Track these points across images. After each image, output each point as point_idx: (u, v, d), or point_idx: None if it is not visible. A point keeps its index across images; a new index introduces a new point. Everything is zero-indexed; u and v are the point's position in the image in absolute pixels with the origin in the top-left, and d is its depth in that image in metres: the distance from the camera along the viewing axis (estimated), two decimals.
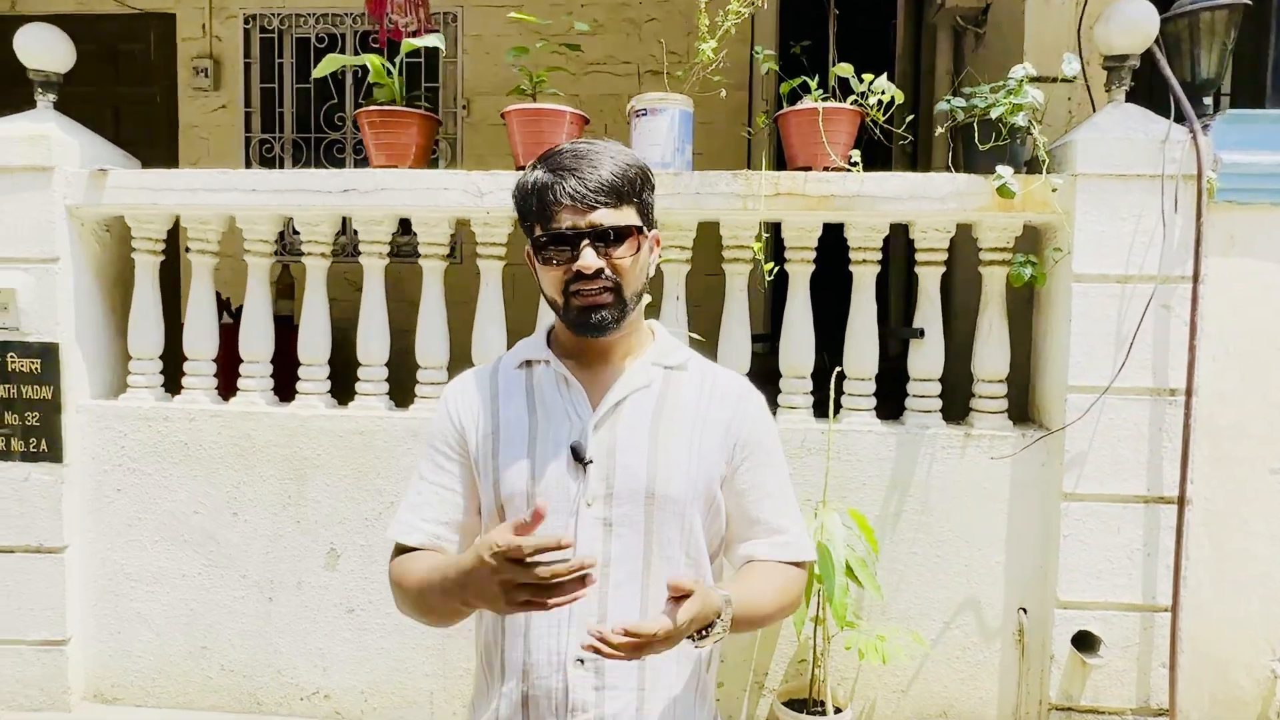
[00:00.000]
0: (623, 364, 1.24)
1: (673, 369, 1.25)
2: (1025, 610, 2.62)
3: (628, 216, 1.16)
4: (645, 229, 1.19)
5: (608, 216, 1.14)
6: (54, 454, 2.78)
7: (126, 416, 2.81)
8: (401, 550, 1.26)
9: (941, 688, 2.67)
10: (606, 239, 1.14)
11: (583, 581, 0.95)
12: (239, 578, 2.81)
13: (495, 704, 1.20)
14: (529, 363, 1.27)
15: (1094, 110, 2.79)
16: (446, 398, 1.29)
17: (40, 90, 2.87)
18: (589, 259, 1.13)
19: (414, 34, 2.79)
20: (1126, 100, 2.59)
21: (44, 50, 2.83)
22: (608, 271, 1.14)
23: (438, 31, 3.65)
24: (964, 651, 2.65)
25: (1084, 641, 2.55)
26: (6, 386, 2.77)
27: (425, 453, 1.29)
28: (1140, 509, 2.51)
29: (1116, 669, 2.54)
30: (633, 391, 1.21)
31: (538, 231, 1.17)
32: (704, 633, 1.06)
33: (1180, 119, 2.46)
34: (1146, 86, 2.76)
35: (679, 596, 1.01)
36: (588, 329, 1.17)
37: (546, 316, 2.74)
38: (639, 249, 1.17)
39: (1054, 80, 2.58)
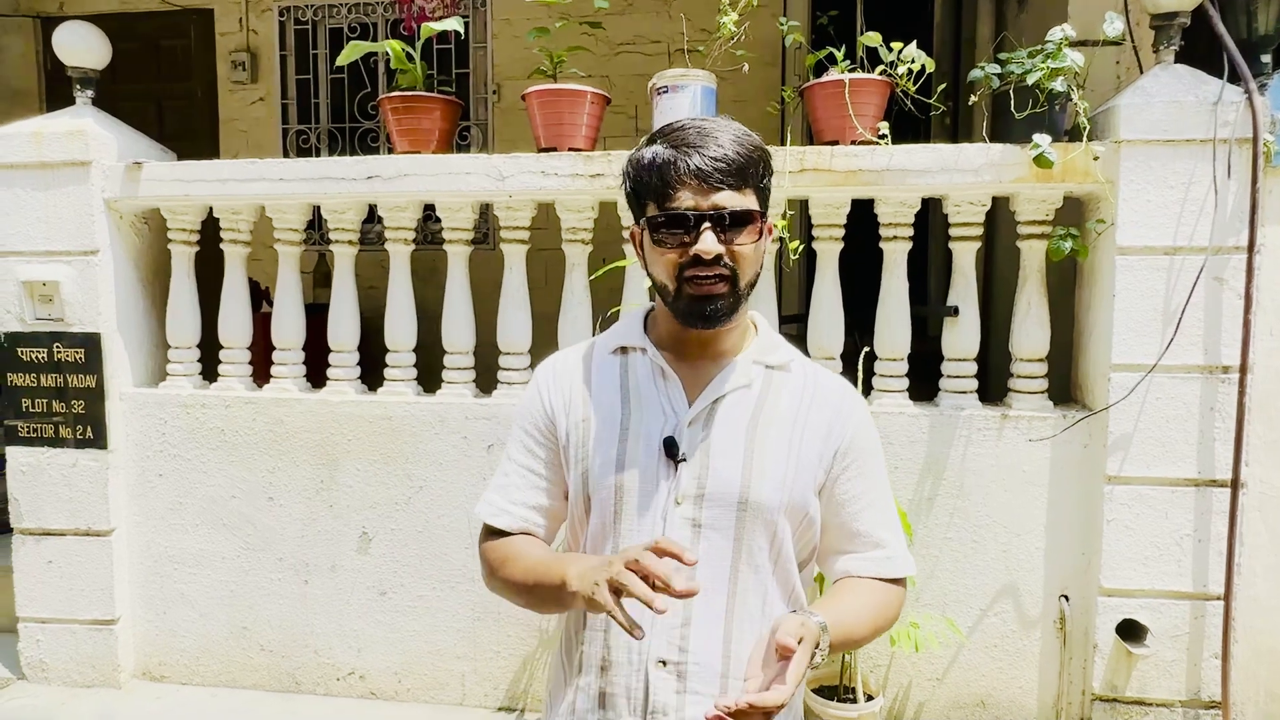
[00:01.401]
0: (723, 359, 1.17)
1: (774, 368, 1.19)
2: (1067, 598, 2.52)
3: (750, 201, 1.09)
4: (765, 216, 1.13)
5: (731, 199, 1.06)
6: (99, 440, 2.87)
7: (166, 404, 2.89)
8: (490, 531, 1.24)
9: (979, 676, 2.59)
10: (728, 223, 1.07)
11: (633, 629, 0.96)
12: (275, 560, 2.87)
13: (572, 697, 1.17)
14: (624, 349, 1.21)
15: (1142, 74, 2.65)
16: (538, 380, 1.25)
17: (78, 87, 2.95)
18: (709, 243, 1.05)
19: (439, 19, 2.77)
20: (1177, 61, 2.45)
21: (81, 47, 2.90)
22: (726, 259, 1.07)
23: (465, 16, 3.64)
24: (1002, 640, 2.57)
25: (1129, 631, 2.45)
26: (54, 376, 2.87)
27: (514, 433, 1.24)
28: (1190, 493, 2.39)
29: (1164, 659, 2.44)
30: (732, 390, 1.15)
31: (653, 210, 1.09)
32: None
33: (1234, 79, 2.32)
34: (1205, 47, 2.60)
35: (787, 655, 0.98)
36: (700, 320, 1.09)
37: (572, 300, 2.73)
38: (759, 236, 1.11)
39: (1097, 43, 2.46)
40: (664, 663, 1.10)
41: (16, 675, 3.00)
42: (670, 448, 1.12)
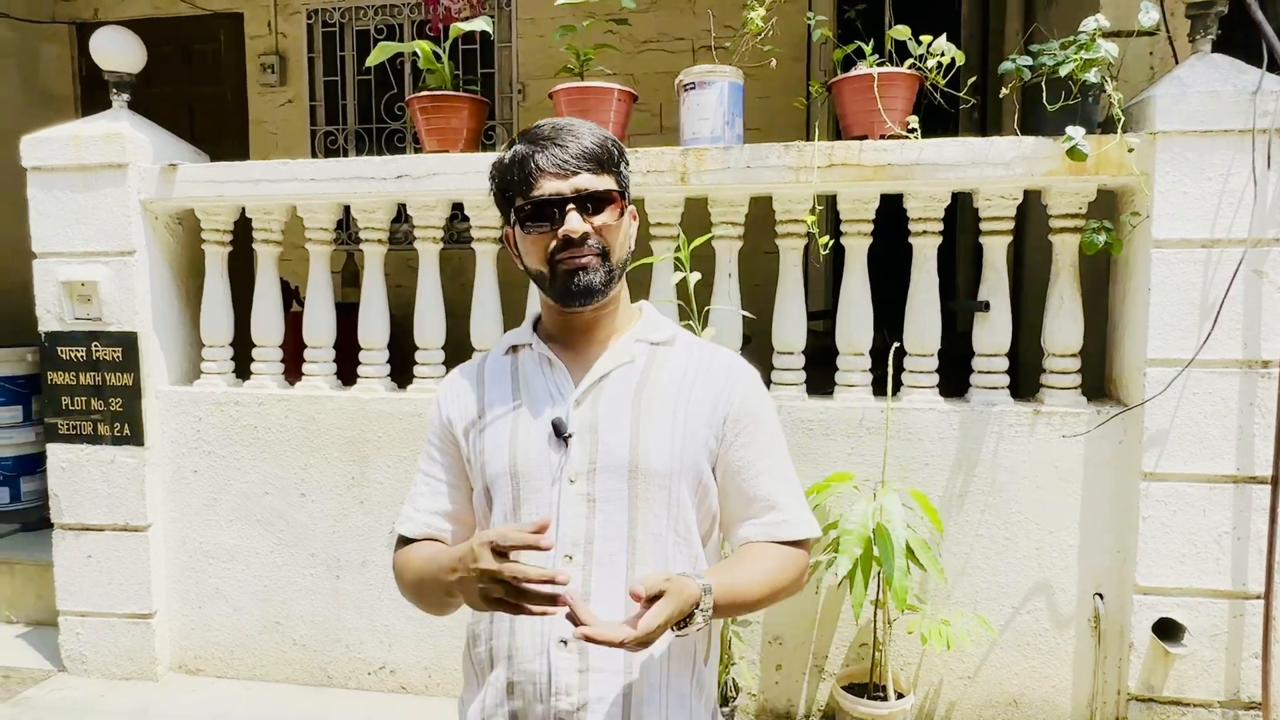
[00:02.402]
0: (607, 342, 1.22)
1: (659, 345, 1.23)
2: (1101, 596, 2.49)
3: (608, 183, 1.15)
4: (625, 198, 1.19)
5: (590, 182, 1.13)
6: (136, 437, 2.93)
7: (201, 401, 2.94)
8: (404, 541, 1.29)
9: (1011, 675, 2.57)
10: (590, 204, 1.13)
11: (553, 600, 0.97)
12: (308, 556, 2.91)
13: (483, 693, 1.19)
14: (515, 348, 1.27)
15: (1177, 64, 2.60)
16: (438, 393, 1.31)
17: (115, 90, 3.00)
18: (575, 223, 1.12)
19: (466, 19, 2.79)
20: (1213, 51, 2.41)
21: (117, 52, 2.96)
22: (593, 239, 1.13)
23: (490, 16, 3.66)
24: (1035, 638, 2.54)
25: (1166, 629, 2.41)
26: (93, 374, 2.93)
27: (423, 447, 1.32)
28: (1229, 489, 2.35)
29: (1202, 659, 2.40)
30: (616, 367, 1.19)
31: (519, 202, 1.15)
32: (683, 623, 1.04)
33: (1274, 68, 2.28)
34: (1242, 36, 2.56)
35: (652, 597, 0.99)
36: (578, 295, 1.14)
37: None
38: (622, 214, 1.17)
39: (1131, 34, 2.43)
40: (565, 642, 1.12)
41: (57, 667, 3.07)
42: (557, 428, 1.15)
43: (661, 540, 1.15)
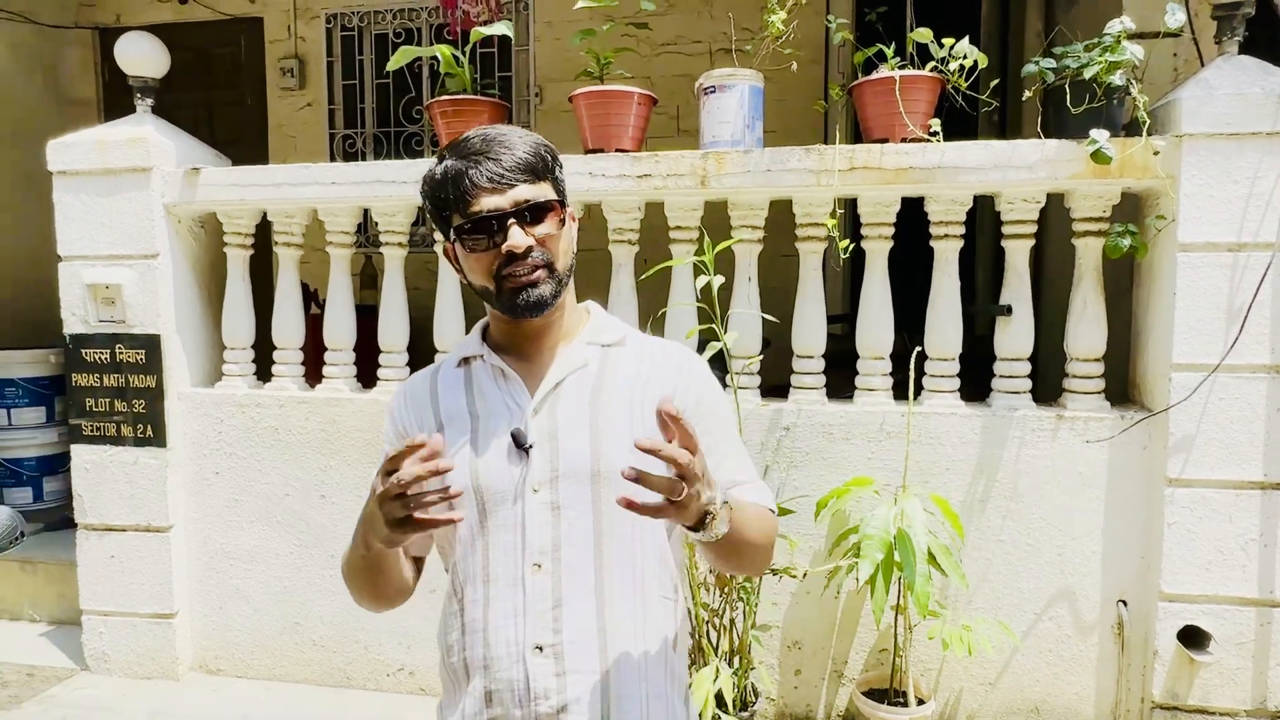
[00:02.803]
0: (558, 348, 1.22)
1: (610, 346, 1.23)
2: (1125, 603, 2.46)
3: (547, 192, 1.14)
4: (564, 204, 1.18)
5: (528, 192, 1.11)
6: (159, 439, 2.95)
7: (222, 403, 2.96)
8: None
9: (1033, 681, 2.55)
10: (531, 216, 1.12)
11: (445, 492, 0.97)
12: (327, 558, 2.92)
13: (461, 703, 1.19)
14: (467, 360, 1.26)
15: (1202, 66, 2.58)
16: (392, 406, 1.29)
17: (139, 95, 3.04)
18: (518, 238, 1.10)
19: (485, 23, 2.80)
20: (1240, 52, 2.38)
21: (141, 57, 2.99)
22: (536, 251, 1.12)
23: (509, 19, 3.67)
24: (1058, 645, 2.52)
25: (1191, 637, 2.39)
26: (116, 376, 2.96)
27: (379, 460, 1.30)
28: (1256, 496, 2.32)
29: (1228, 667, 2.37)
30: (570, 373, 1.19)
31: (457, 220, 1.13)
32: (702, 524, 1.02)
33: None
34: (1269, 38, 2.53)
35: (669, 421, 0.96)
36: (526, 309, 1.14)
37: (618, 300, 2.73)
38: (563, 223, 1.16)
39: (1156, 35, 2.39)
40: (540, 648, 1.12)
41: (80, 666, 3.10)
42: (517, 439, 1.15)
43: (626, 540, 1.16)
